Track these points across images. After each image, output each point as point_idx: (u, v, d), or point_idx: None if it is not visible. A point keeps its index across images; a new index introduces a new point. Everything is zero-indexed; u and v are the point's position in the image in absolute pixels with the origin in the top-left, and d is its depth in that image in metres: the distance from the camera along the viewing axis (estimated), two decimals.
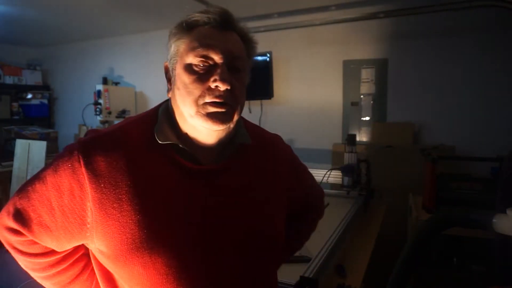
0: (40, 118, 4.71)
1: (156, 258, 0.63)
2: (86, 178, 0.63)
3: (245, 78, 0.72)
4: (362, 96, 3.00)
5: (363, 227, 1.82)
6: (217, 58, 0.66)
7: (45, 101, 4.72)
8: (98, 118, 3.54)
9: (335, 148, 3.00)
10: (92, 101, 3.58)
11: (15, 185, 3.62)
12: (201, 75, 0.66)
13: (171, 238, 0.64)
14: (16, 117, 4.49)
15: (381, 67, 2.91)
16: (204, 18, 0.67)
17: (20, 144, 3.78)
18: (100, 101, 3.50)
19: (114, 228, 0.63)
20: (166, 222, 0.64)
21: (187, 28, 0.68)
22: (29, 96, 4.55)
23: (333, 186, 2.42)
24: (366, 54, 2.95)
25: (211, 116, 0.65)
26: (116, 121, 2.66)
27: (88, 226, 0.64)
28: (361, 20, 2.70)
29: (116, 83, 3.94)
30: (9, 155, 3.88)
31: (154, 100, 3.85)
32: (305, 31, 3.09)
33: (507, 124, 2.53)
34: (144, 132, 0.68)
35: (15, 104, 4.49)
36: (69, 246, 0.70)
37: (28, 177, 3.78)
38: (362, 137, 3.00)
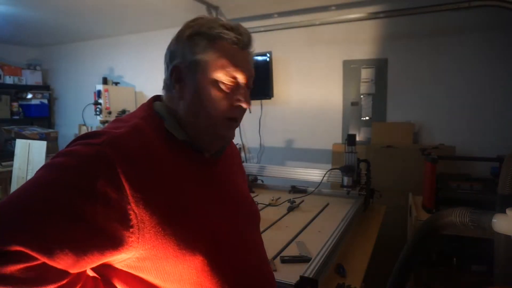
0: (40, 118, 4.72)
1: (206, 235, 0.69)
2: (122, 178, 0.58)
3: None
4: (362, 96, 3.00)
5: (363, 227, 1.82)
6: (242, 79, 0.72)
7: (45, 101, 4.72)
8: (98, 118, 3.54)
9: (335, 148, 3.00)
10: (92, 101, 3.58)
11: (15, 185, 3.61)
12: (228, 94, 0.72)
13: (212, 217, 0.71)
14: (16, 117, 4.50)
15: (381, 67, 2.91)
16: (233, 37, 0.70)
17: (20, 144, 3.78)
18: (100, 101, 3.51)
19: (164, 224, 0.62)
20: (205, 203, 0.72)
21: (209, 40, 0.70)
22: (29, 96, 4.55)
23: (333, 186, 2.42)
24: (366, 54, 2.95)
25: (222, 137, 0.76)
26: None
27: (132, 230, 0.59)
28: (361, 20, 2.70)
29: (116, 83, 3.95)
30: (9, 155, 3.89)
31: None
32: (305, 31, 3.09)
33: (507, 124, 2.53)
34: (155, 130, 0.70)
35: (15, 104, 4.49)
36: (92, 265, 0.60)
37: (29, 177, 3.77)
38: (362, 137, 3.00)
